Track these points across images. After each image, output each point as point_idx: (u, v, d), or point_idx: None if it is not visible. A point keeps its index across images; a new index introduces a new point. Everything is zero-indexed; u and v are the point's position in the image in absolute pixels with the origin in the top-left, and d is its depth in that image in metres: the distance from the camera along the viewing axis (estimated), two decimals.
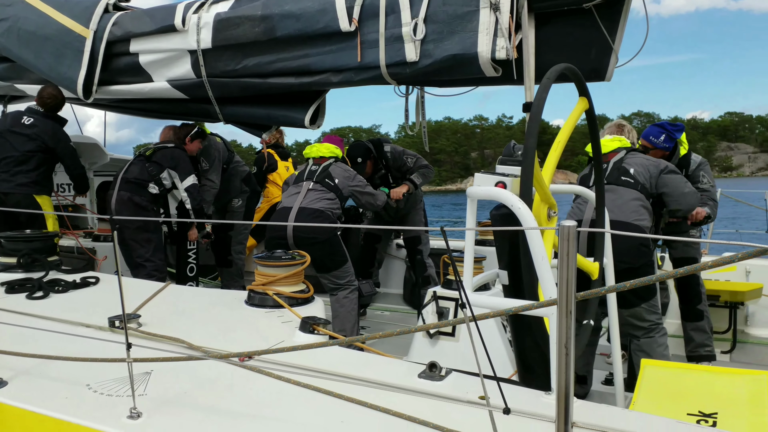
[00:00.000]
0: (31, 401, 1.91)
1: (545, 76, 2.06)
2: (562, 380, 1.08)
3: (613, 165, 3.89)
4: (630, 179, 3.78)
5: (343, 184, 4.99)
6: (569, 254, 1.03)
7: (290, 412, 1.79)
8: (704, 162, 4.77)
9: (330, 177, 4.99)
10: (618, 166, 3.86)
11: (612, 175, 3.83)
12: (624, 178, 3.78)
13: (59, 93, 5.38)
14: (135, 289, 3.39)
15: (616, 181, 3.79)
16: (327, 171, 5.04)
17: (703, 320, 4.65)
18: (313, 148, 5.27)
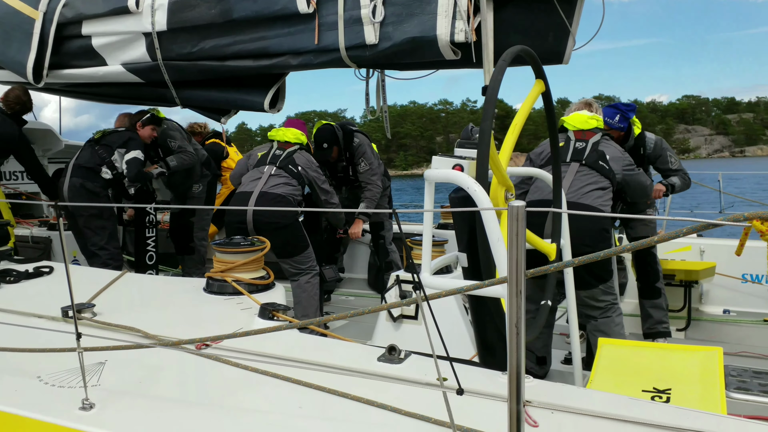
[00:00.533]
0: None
1: (501, 58, 2.06)
2: (513, 358, 1.08)
3: (592, 146, 3.86)
4: (606, 165, 3.78)
5: (305, 172, 4.95)
6: (518, 233, 1.03)
7: (247, 399, 1.78)
8: (661, 140, 4.89)
9: (294, 163, 4.93)
10: (596, 148, 3.85)
11: (591, 156, 3.81)
12: (601, 163, 3.78)
13: (25, 96, 5.23)
14: (91, 278, 3.31)
15: (593, 165, 3.78)
16: (291, 157, 4.97)
17: (660, 297, 4.77)
18: (279, 132, 5.20)
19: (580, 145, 3.86)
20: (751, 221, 0.93)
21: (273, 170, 4.88)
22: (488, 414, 1.60)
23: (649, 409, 1.65)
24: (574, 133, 3.93)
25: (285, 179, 4.83)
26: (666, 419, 1.55)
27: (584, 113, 4.05)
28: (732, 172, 12.00)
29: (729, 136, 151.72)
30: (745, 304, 5.60)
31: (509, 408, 1.10)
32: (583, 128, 3.93)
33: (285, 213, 4.65)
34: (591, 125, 3.96)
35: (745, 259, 5.50)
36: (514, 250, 1.04)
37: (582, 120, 3.94)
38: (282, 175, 4.85)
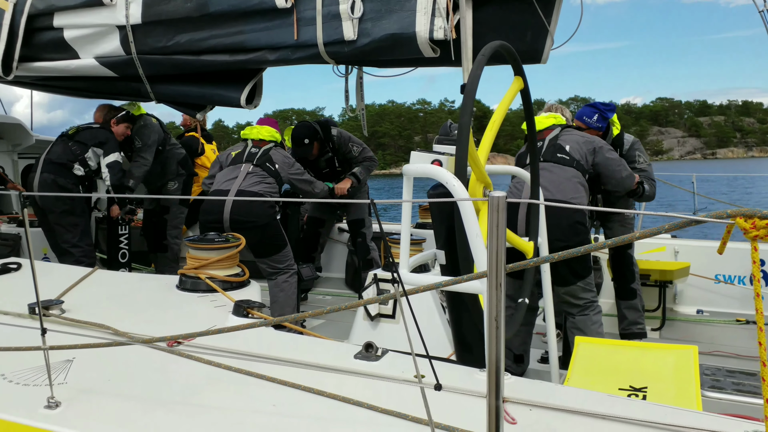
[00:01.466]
0: None
1: (480, 53, 2.04)
2: (492, 353, 1.06)
3: (549, 142, 3.91)
4: (566, 156, 3.81)
5: (283, 171, 4.89)
6: (498, 226, 1.00)
7: (219, 397, 1.73)
8: (637, 141, 4.86)
9: (270, 161, 4.87)
10: (553, 143, 3.89)
11: (548, 152, 3.85)
12: (560, 155, 3.81)
13: None
14: (61, 274, 3.23)
15: (551, 158, 3.80)
16: (268, 155, 4.91)
17: (635, 298, 4.80)
18: (253, 130, 5.13)
19: (539, 144, 3.89)
20: (735, 218, 0.92)
21: (250, 168, 4.82)
22: (466, 411, 1.58)
23: (626, 405, 1.64)
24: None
25: (261, 177, 4.77)
26: (643, 415, 1.54)
27: (540, 115, 4.13)
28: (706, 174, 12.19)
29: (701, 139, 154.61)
30: (718, 304, 5.68)
31: (488, 404, 1.08)
32: (539, 129, 3.98)
33: (262, 211, 4.59)
34: (546, 124, 4.02)
35: (718, 260, 5.59)
36: (494, 242, 1.01)
37: (539, 121, 3.99)
38: (258, 173, 4.79)
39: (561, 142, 3.89)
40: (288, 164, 4.94)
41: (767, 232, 0.89)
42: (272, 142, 5.04)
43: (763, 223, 0.89)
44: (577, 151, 3.84)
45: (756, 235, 0.90)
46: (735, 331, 5.17)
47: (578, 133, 4.02)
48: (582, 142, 3.90)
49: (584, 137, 3.98)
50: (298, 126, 5.68)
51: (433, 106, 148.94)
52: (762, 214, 0.89)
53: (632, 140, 4.83)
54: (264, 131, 5.06)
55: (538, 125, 3.95)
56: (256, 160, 4.86)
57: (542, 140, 3.94)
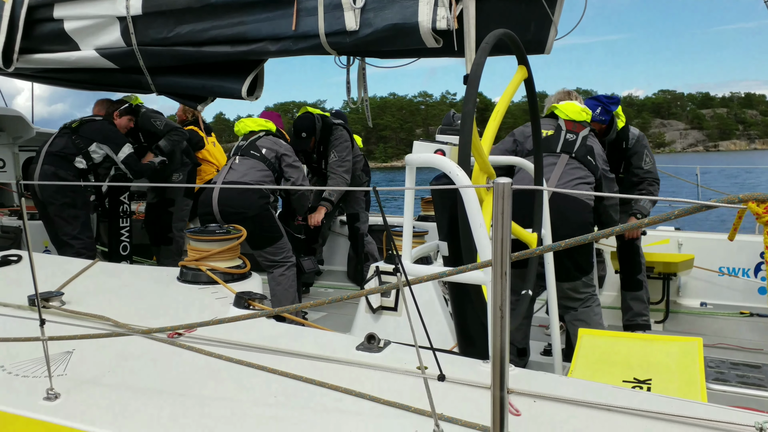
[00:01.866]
0: None
1: (483, 41, 2.01)
2: (497, 343, 1.04)
3: (582, 140, 3.80)
4: (593, 161, 3.74)
5: (270, 153, 4.80)
6: (504, 213, 0.98)
7: (220, 388, 1.72)
8: (643, 136, 4.78)
9: (255, 149, 4.81)
10: (585, 142, 3.80)
11: (581, 150, 3.75)
12: (589, 158, 3.73)
13: None
14: (62, 266, 3.21)
15: (582, 159, 3.71)
16: (254, 144, 4.87)
17: (642, 290, 4.77)
18: (241, 124, 5.10)
19: (571, 137, 3.79)
20: (747, 203, 0.89)
21: (236, 159, 4.79)
22: (470, 403, 1.56)
23: (631, 397, 1.62)
24: (565, 123, 3.85)
25: (248, 165, 4.72)
26: (648, 407, 1.52)
27: (577, 104, 3.99)
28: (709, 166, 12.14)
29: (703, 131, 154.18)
30: (721, 297, 5.65)
31: (492, 395, 1.06)
32: (576, 119, 3.86)
33: (252, 202, 4.55)
34: (583, 117, 3.91)
35: (722, 253, 5.57)
36: (500, 231, 0.99)
37: (576, 111, 3.87)
38: (245, 162, 4.75)
39: (591, 143, 3.80)
40: (277, 145, 4.87)
41: None
42: (262, 131, 4.99)
43: None
44: (599, 160, 3.78)
45: None
46: (739, 323, 5.15)
47: (598, 142, 3.94)
48: (601, 154, 3.84)
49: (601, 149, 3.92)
50: (300, 117, 5.63)
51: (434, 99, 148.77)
52: None
53: (638, 134, 4.76)
54: (251, 123, 5.03)
55: (575, 115, 3.84)
56: (241, 150, 4.84)
57: (575, 134, 3.82)
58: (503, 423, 1.08)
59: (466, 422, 1.44)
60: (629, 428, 1.47)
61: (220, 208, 4.49)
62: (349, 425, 1.49)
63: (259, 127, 5.00)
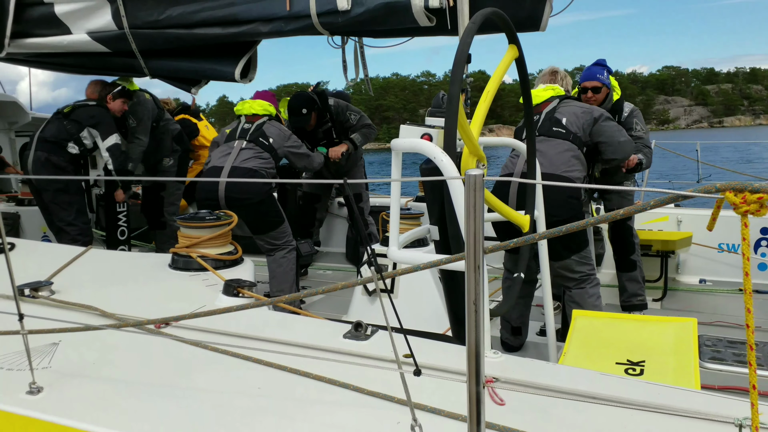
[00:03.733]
0: None
1: (470, 20, 1.96)
2: (471, 338, 1.02)
3: (546, 115, 3.83)
4: (562, 129, 3.73)
5: (278, 144, 4.80)
6: (476, 206, 0.95)
7: (205, 380, 1.70)
8: (636, 109, 4.78)
9: (264, 136, 4.79)
10: (550, 116, 3.81)
11: (544, 126, 3.78)
12: (556, 129, 3.73)
13: None
14: (55, 254, 3.19)
15: (547, 132, 3.73)
16: (261, 129, 4.83)
17: (636, 270, 4.75)
18: (245, 105, 5.04)
19: (535, 118, 3.81)
20: (724, 192, 0.86)
21: (243, 144, 4.75)
22: (452, 392, 1.54)
23: (619, 385, 1.60)
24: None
25: (256, 152, 4.70)
26: (637, 396, 1.51)
27: (538, 88, 4.00)
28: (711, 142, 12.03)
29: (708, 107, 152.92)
30: (721, 273, 5.63)
31: (468, 390, 1.04)
32: (537, 103, 3.89)
33: (257, 188, 4.54)
34: (543, 97, 3.92)
35: (721, 229, 5.53)
36: (472, 223, 0.96)
37: (534, 96, 3.88)
38: (253, 148, 4.72)
39: (558, 114, 3.81)
40: (284, 137, 4.86)
41: (758, 207, 0.83)
42: (266, 116, 4.95)
43: (753, 198, 0.83)
44: (574, 123, 3.76)
45: (746, 210, 0.84)
46: (738, 300, 5.13)
47: (577, 104, 3.93)
48: (580, 113, 3.81)
49: (582, 108, 3.88)
50: (295, 96, 5.59)
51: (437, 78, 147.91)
52: (753, 188, 0.83)
53: (631, 108, 4.75)
54: (257, 105, 4.98)
55: (535, 99, 3.86)
56: (249, 135, 4.78)
57: (539, 113, 3.86)
58: (480, 419, 1.05)
59: (448, 413, 1.43)
60: (616, 417, 1.45)
61: (226, 193, 4.47)
62: (332, 416, 1.48)
63: (264, 111, 4.95)
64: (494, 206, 2.23)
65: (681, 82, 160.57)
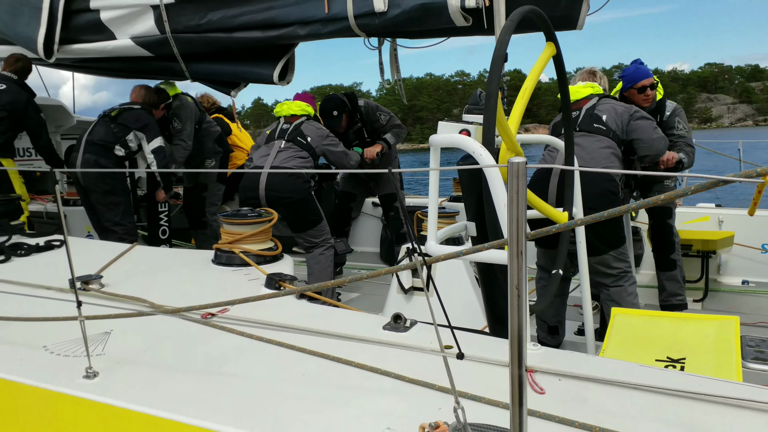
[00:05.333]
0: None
1: (508, 18, 1.98)
2: (514, 321, 1.05)
3: (585, 112, 3.82)
4: (602, 126, 3.72)
5: (316, 143, 4.88)
6: (519, 192, 0.98)
7: (252, 367, 1.76)
8: (678, 108, 4.73)
9: (302, 135, 4.87)
10: (590, 113, 3.80)
11: (584, 122, 3.77)
12: (596, 125, 3.72)
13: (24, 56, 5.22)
14: (102, 250, 3.32)
15: (587, 128, 3.72)
16: (299, 129, 4.92)
17: (676, 269, 4.68)
18: (283, 106, 5.14)
19: (574, 114, 3.80)
20: (765, 177, 0.87)
21: (282, 144, 4.84)
22: (493, 381, 1.57)
23: (660, 375, 1.61)
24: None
25: (295, 152, 4.79)
26: (679, 385, 1.51)
27: (577, 85, 3.98)
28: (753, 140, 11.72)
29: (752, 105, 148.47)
30: (764, 274, 5.50)
31: (511, 373, 1.07)
32: (576, 98, 3.86)
33: (297, 187, 4.62)
34: (583, 94, 3.90)
35: (765, 229, 5.40)
36: (514, 209, 0.99)
37: (573, 92, 3.87)
38: (291, 148, 4.81)
39: (598, 111, 3.79)
40: (321, 135, 4.94)
41: None
42: (304, 116, 5.04)
43: None
44: (614, 121, 3.74)
45: None
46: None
47: (616, 102, 3.91)
48: (620, 111, 3.80)
49: (621, 106, 3.87)
50: (325, 99, 5.67)
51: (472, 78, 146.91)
52: None
53: (674, 107, 4.70)
54: (294, 106, 5.07)
55: (574, 95, 3.85)
56: (287, 135, 4.87)
57: (578, 110, 3.84)
58: (522, 401, 1.08)
59: (489, 400, 1.46)
60: (657, 407, 1.46)
61: (267, 192, 4.56)
62: (375, 402, 1.52)
63: (302, 111, 5.04)
64: (531, 202, 2.25)
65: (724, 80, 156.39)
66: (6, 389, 1.74)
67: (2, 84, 5.15)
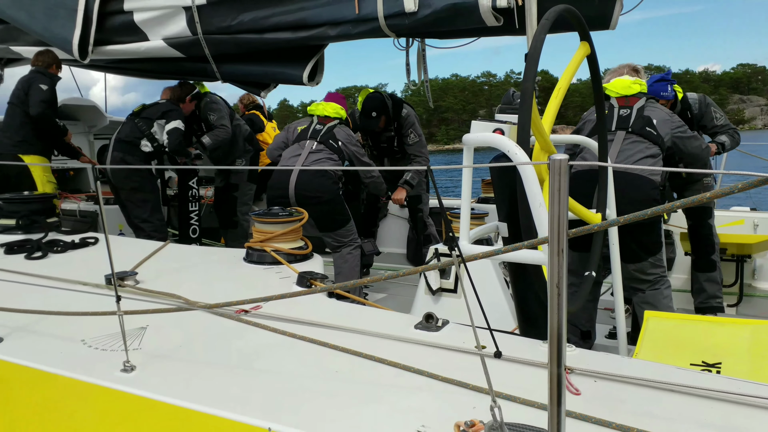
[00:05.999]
0: (27, 357, 1.90)
1: (543, 17, 1.97)
2: (554, 320, 1.04)
3: (637, 112, 3.69)
4: (653, 131, 3.60)
5: (345, 147, 4.91)
6: (561, 189, 0.97)
7: (284, 363, 1.78)
8: (703, 96, 4.69)
9: (334, 138, 4.90)
10: (641, 114, 3.67)
11: (637, 123, 3.63)
12: (648, 129, 3.60)
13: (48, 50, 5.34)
14: (135, 248, 3.38)
15: (640, 132, 3.59)
16: (332, 132, 4.94)
17: (715, 271, 4.60)
18: (318, 106, 5.16)
19: (625, 112, 3.68)
20: None
21: (314, 145, 4.86)
22: (528, 381, 1.56)
23: (698, 378, 1.58)
24: (617, 100, 3.75)
25: (326, 154, 4.81)
26: (717, 387, 1.48)
27: (626, 78, 3.85)
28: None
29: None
30: None
31: (549, 372, 1.06)
32: (626, 94, 3.73)
33: (327, 187, 4.65)
34: (634, 90, 3.75)
35: None
36: (556, 207, 0.98)
37: (625, 85, 3.74)
38: (323, 150, 4.83)
39: (648, 113, 3.68)
40: (351, 141, 4.96)
41: None
42: (337, 119, 5.06)
43: None
44: (662, 128, 3.64)
45: None
46: None
47: (662, 108, 3.81)
48: (666, 119, 3.70)
49: (669, 114, 3.78)
50: (370, 96, 5.64)
51: (498, 79, 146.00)
52: None
53: (698, 97, 4.64)
54: (329, 108, 5.08)
55: (624, 89, 3.73)
56: (320, 137, 4.90)
57: (629, 108, 3.72)
58: (560, 400, 1.07)
59: (524, 400, 1.45)
60: (694, 409, 1.43)
61: (296, 191, 4.59)
62: (408, 400, 1.52)
63: (336, 115, 5.06)
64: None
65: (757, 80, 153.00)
66: (48, 381, 1.78)
67: (44, 84, 5.27)
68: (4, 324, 2.12)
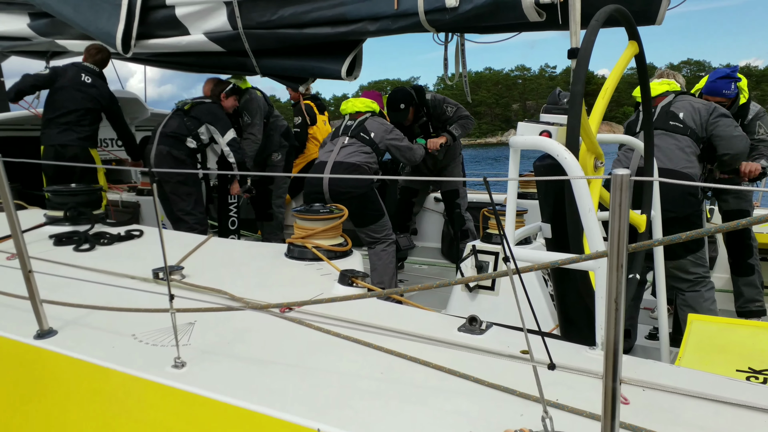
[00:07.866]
0: (80, 350, 1.96)
1: (593, 18, 1.94)
2: (611, 335, 1.03)
3: (661, 109, 3.72)
4: (679, 124, 3.61)
5: (380, 138, 4.92)
6: (622, 205, 0.97)
7: (330, 362, 1.80)
8: (762, 111, 4.54)
9: (365, 131, 4.92)
10: (666, 110, 3.70)
11: (660, 119, 3.67)
12: (673, 123, 3.61)
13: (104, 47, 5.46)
14: (178, 241, 3.44)
15: (664, 126, 3.62)
16: (362, 125, 4.97)
17: (753, 275, 4.51)
18: (348, 104, 5.21)
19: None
20: None
21: (345, 140, 4.90)
22: (576, 389, 1.55)
23: (747, 390, 1.56)
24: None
25: (358, 147, 4.84)
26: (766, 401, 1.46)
27: (653, 82, 3.88)
28: None
29: None
30: None
31: (604, 385, 1.06)
32: (652, 96, 3.76)
33: (360, 181, 4.67)
34: (658, 90, 3.81)
35: None
36: (617, 222, 0.98)
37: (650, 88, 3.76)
38: (354, 143, 4.86)
39: (674, 109, 3.68)
40: (386, 130, 4.97)
41: None
42: (368, 112, 5.08)
43: None
44: (691, 119, 3.62)
45: None
46: None
47: (694, 99, 3.78)
48: (698, 107, 3.67)
49: (699, 103, 3.74)
50: (393, 91, 5.69)
51: (532, 72, 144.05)
52: None
53: (757, 110, 4.51)
54: (359, 103, 5.12)
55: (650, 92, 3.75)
56: (351, 131, 4.94)
57: (654, 107, 3.74)
58: (614, 414, 1.07)
59: (573, 409, 1.44)
60: (744, 422, 1.41)
61: (330, 187, 4.64)
62: (454, 404, 1.53)
63: (366, 108, 5.09)
64: (605, 201, 2.20)
65: None
66: (101, 375, 1.83)
67: (88, 77, 5.41)
68: (58, 316, 2.18)
